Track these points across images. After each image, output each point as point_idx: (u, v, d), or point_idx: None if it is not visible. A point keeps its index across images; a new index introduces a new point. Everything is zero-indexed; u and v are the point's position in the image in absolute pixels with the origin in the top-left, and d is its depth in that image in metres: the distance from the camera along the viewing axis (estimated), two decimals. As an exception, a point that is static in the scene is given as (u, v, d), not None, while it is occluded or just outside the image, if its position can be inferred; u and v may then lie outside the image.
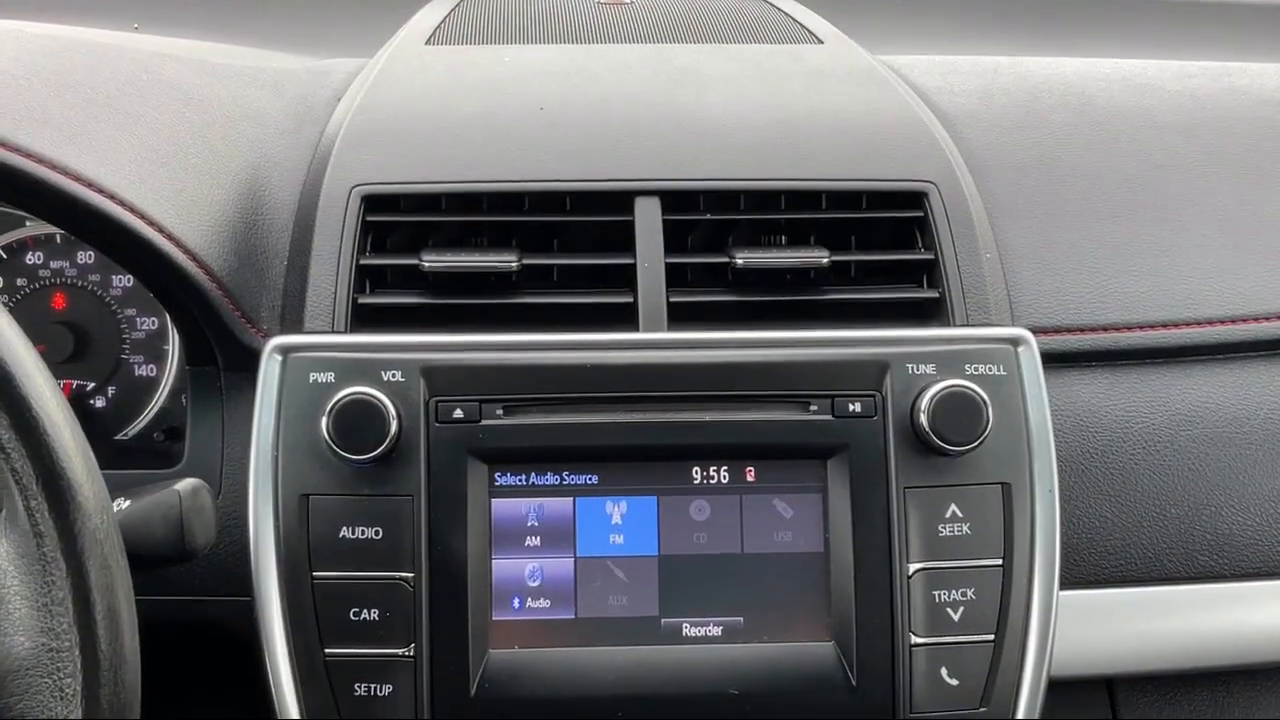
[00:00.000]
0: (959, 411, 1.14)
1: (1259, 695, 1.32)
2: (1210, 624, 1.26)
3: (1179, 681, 1.32)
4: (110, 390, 1.40)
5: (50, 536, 0.80)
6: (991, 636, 1.14)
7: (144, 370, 1.40)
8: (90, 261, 1.41)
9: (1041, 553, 1.15)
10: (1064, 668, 1.18)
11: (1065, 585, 1.16)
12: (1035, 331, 1.19)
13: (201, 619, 1.22)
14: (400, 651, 1.11)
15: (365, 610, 1.11)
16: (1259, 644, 1.27)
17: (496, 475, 1.14)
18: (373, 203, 1.25)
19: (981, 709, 1.13)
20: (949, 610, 1.13)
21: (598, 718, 1.12)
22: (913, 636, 1.13)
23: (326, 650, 1.11)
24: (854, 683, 1.12)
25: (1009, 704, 1.14)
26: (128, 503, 1.01)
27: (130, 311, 1.40)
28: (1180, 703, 1.32)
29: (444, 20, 1.63)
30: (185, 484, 1.02)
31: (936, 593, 1.13)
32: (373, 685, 1.11)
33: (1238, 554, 1.26)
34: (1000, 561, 1.14)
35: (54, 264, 1.40)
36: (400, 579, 1.11)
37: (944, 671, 1.13)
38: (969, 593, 1.14)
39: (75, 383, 1.40)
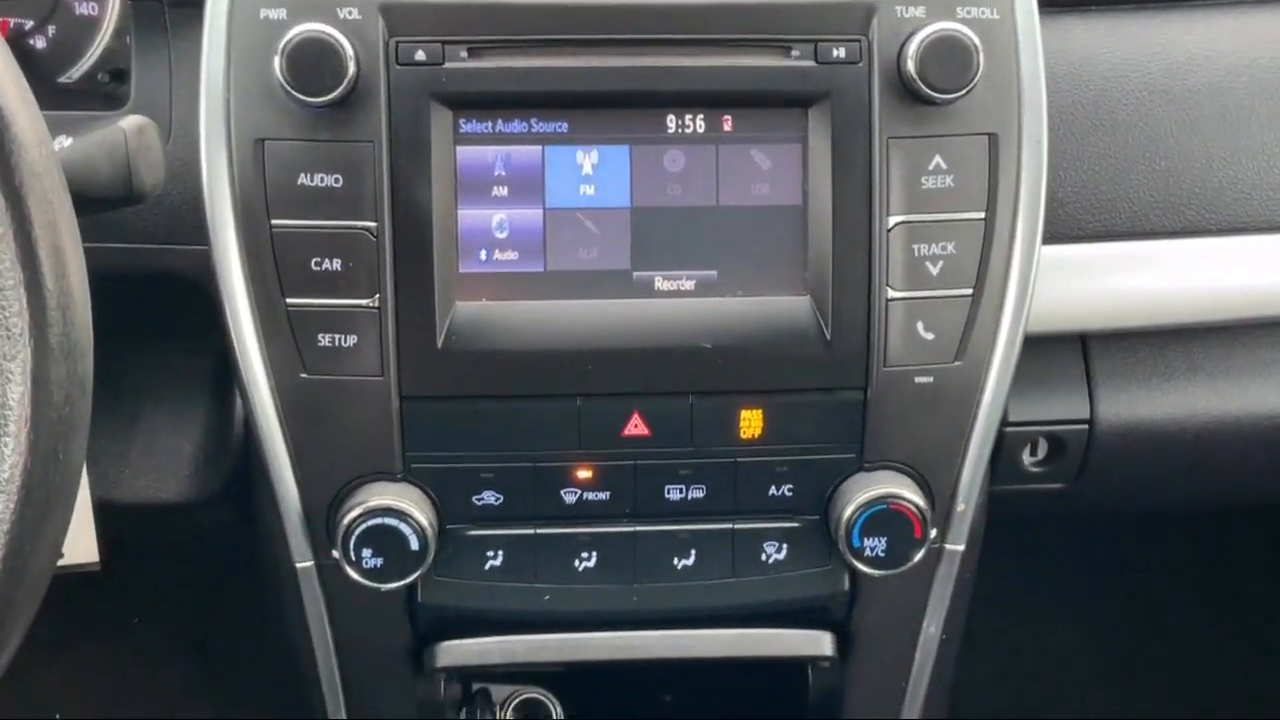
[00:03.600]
0: (948, 57, 1.08)
1: (1232, 350, 1.32)
2: (1190, 280, 1.25)
3: (1153, 337, 1.31)
4: (50, 30, 1.32)
5: None
6: (970, 291, 1.12)
7: (85, 8, 1.32)
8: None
9: (1025, 207, 1.12)
10: (1040, 323, 1.17)
11: (1046, 240, 1.14)
12: (1032, -29, 1.12)
13: (161, 268, 1.18)
14: (364, 302, 1.08)
15: (327, 260, 1.08)
16: (1238, 300, 1.26)
17: (461, 122, 1.09)
18: None
19: (956, 363, 1.13)
20: (928, 264, 1.11)
21: (567, 371, 1.10)
22: (890, 291, 1.11)
23: (288, 300, 1.08)
24: (828, 336, 1.11)
25: (984, 359, 1.13)
26: (70, 140, 0.96)
27: (66, -58, 1.31)
28: (1154, 359, 1.31)
29: None
30: (130, 120, 0.97)
31: (916, 246, 1.11)
32: (337, 336, 1.09)
33: (1225, 208, 1.23)
34: (983, 215, 1.11)
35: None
36: (362, 229, 1.07)
37: (920, 326, 1.12)
38: (949, 247, 1.11)
39: (12, 21, 1.31)
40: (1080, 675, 2.24)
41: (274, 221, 1.07)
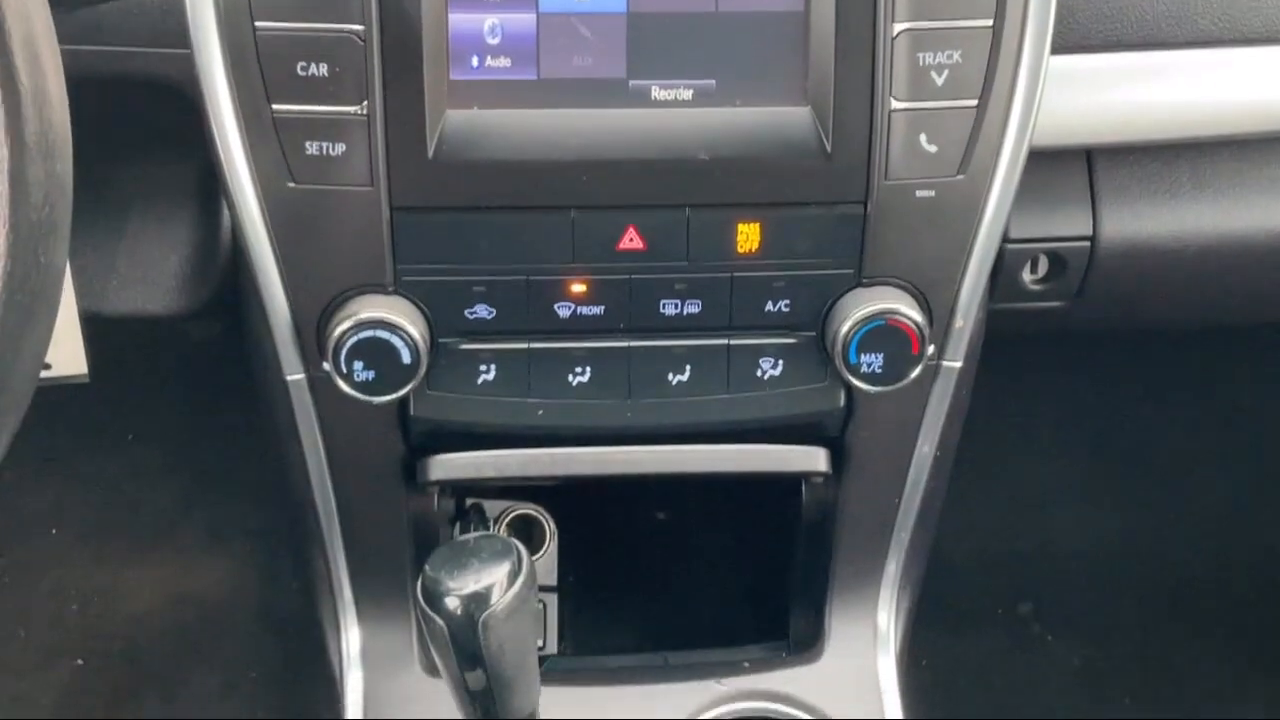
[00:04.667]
0: None
1: (1241, 166, 1.29)
2: (1201, 93, 1.21)
3: (1160, 152, 1.28)
4: None
5: None
6: (974, 102, 1.09)
7: None
8: None
9: (1034, 14, 1.08)
10: (1045, 137, 1.13)
11: (1054, 50, 1.10)
12: None
13: (143, 73, 1.15)
14: (352, 109, 1.05)
15: (313, 65, 1.04)
16: (1249, 114, 1.23)
17: None
18: None
19: (959, 176, 1.10)
20: (933, 74, 1.07)
21: (560, 182, 1.08)
22: (893, 101, 1.07)
23: (274, 107, 1.05)
24: (829, 148, 1.08)
25: (987, 173, 1.11)
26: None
27: None
28: (1160, 174, 1.28)
29: None
30: None
31: (920, 55, 1.07)
32: (325, 144, 1.05)
33: (1240, 18, 1.19)
34: (991, 22, 1.07)
35: None
36: (349, 31, 1.03)
37: (923, 138, 1.09)
38: (955, 55, 1.07)
39: None
40: (1071, 502, 2.26)
41: (257, 24, 1.03)
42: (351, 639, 1.30)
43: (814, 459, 1.25)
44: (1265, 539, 2.22)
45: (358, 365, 1.10)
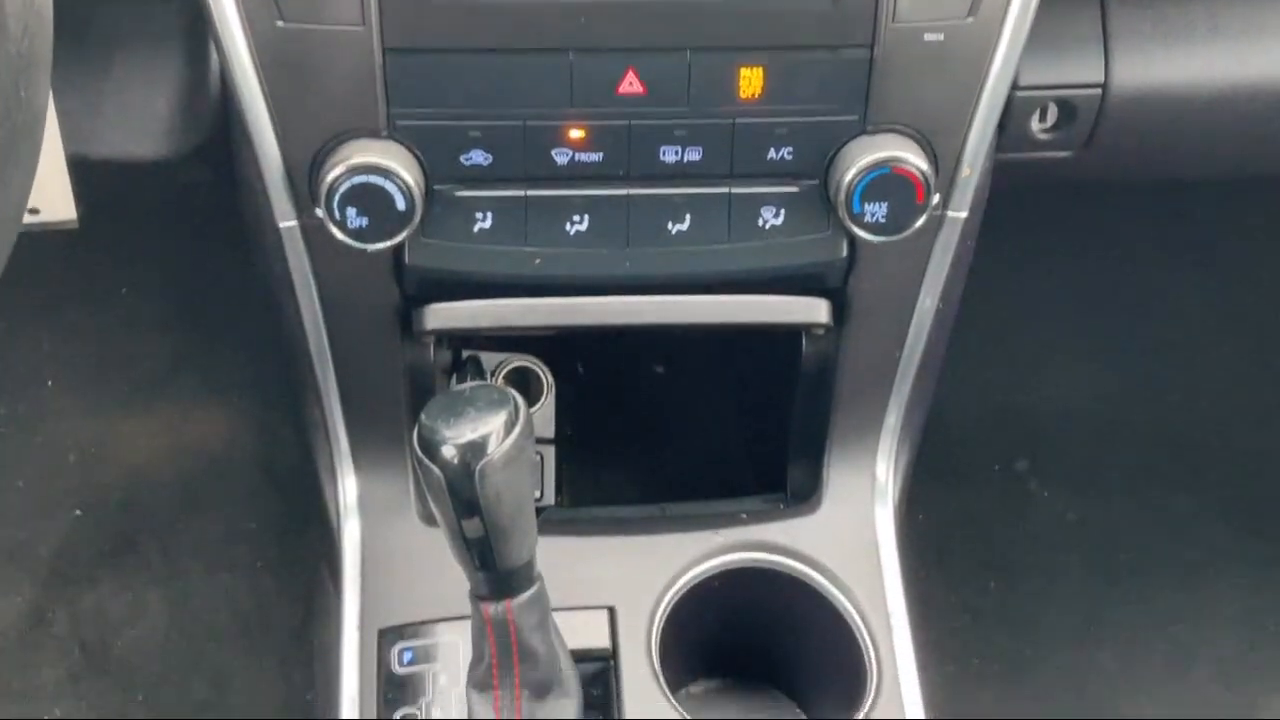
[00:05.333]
0: None
1: (1260, 12, 1.24)
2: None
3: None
4: None
5: None
6: (986, -60, 1.05)
7: None
8: None
9: None
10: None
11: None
12: None
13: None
14: None
15: None
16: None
17: None
18: None
19: (969, 19, 1.07)
20: (943, -89, 1.04)
21: (559, 22, 1.04)
22: (901, -60, 1.04)
23: None
24: None
25: (998, 16, 1.07)
26: None
27: None
28: (1174, 18, 1.24)
29: None
30: None
31: None
32: None
33: None
34: None
35: None
36: None
37: (931, -24, 1.05)
38: None
39: None
40: (1072, 358, 2.25)
41: None
42: (348, 488, 1.30)
43: (815, 310, 1.23)
44: (1266, 398, 2.22)
45: (351, 212, 1.08)
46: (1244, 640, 2.06)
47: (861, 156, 1.09)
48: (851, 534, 1.30)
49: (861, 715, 1.20)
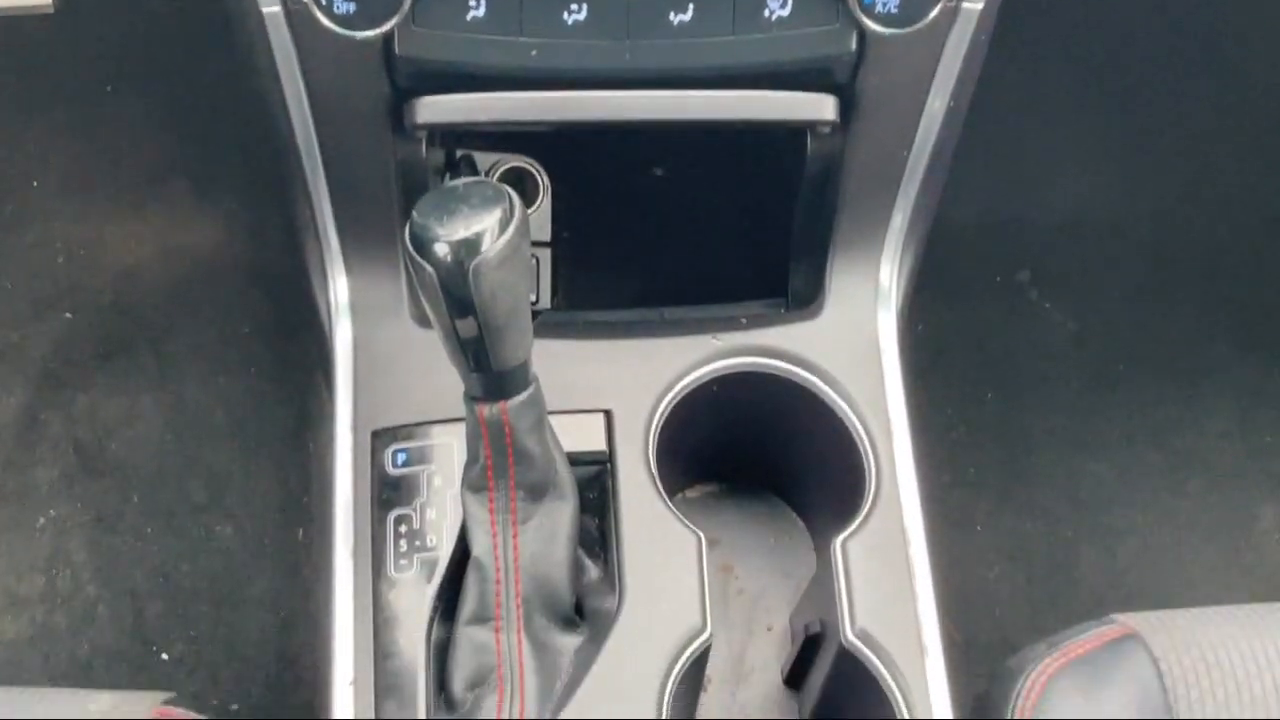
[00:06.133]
0: None
1: None
2: None
3: None
4: None
5: None
6: None
7: None
8: None
9: None
10: None
11: None
12: None
13: None
14: None
15: None
16: None
17: None
18: None
19: None
20: None
21: None
22: None
23: None
24: None
25: None
26: None
27: None
28: None
29: None
30: None
31: None
32: None
33: None
34: None
35: None
36: None
37: None
38: None
39: None
40: (1077, 168, 2.21)
41: None
42: (339, 289, 1.27)
43: (822, 107, 1.19)
44: (1274, 208, 2.19)
45: None
46: (1239, 451, 2.07)
47: None
48: (853, 339, 1.28)
49: (859, 521, 1.20)
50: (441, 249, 0.95)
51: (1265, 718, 1.15)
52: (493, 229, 0.95)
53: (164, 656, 1.84)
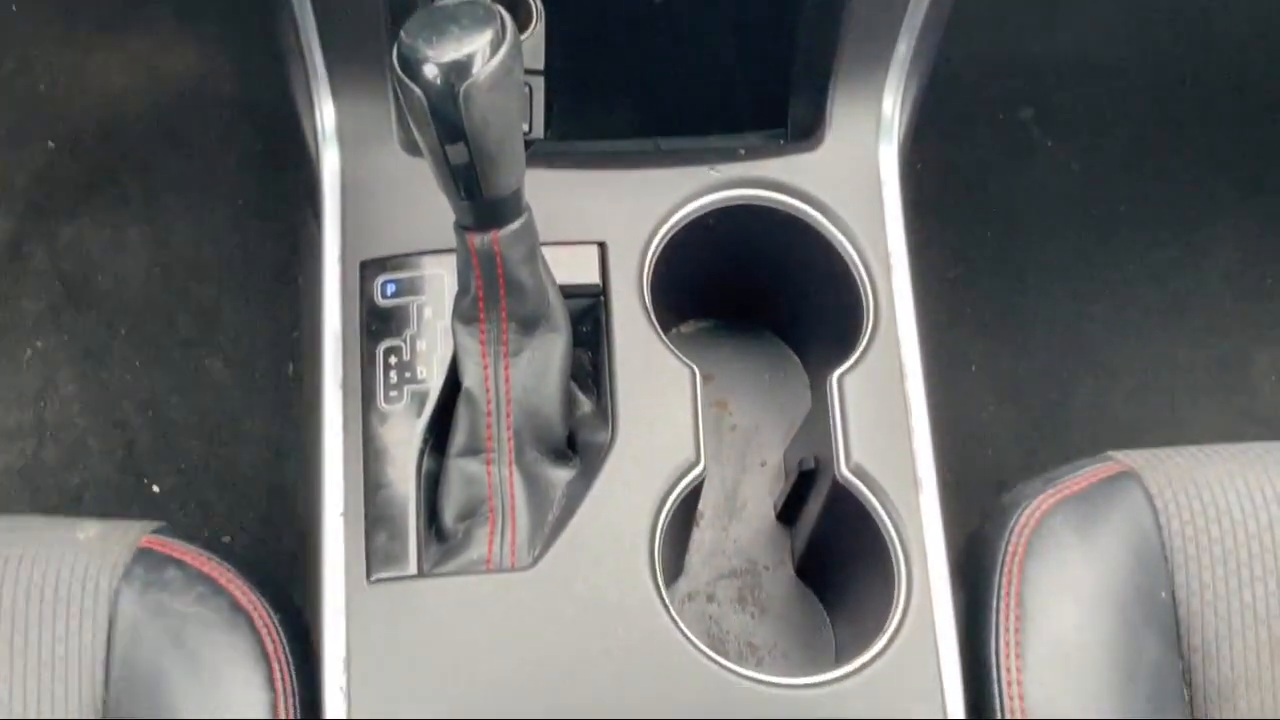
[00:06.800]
0: None
1: None
2: None
3: None
4: None
5: None
6: None
7: None
8: None
9: None
10: None
11: None
12: None
13: None
14: None
15: None
16: None
17: None
18: None
19: None
20: None
21: None
22: None
23: None
24: None
25: None
26: None
27: None
28: None
29: None
30: None
31: None
32: None
33: None
34: None
35: None
36: None
37: None
38: None
39: None
40: (1082, 6, 2.15)
41: None
42: (326, 115, 1.23)
43: None
44: (1282, 50, 2.14)
45: None
46: (1237, 292, 2.06)
47: None
48: (854, 171, 1.24)
49: (856, 356, 1.18)
50: (430, 71, 0.91)
51: (1259, 555, 1.15)
52: (484, 50, 0.92)
53: (155, 489, 1.84)
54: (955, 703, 1.08)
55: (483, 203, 1.01)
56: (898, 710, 1.06)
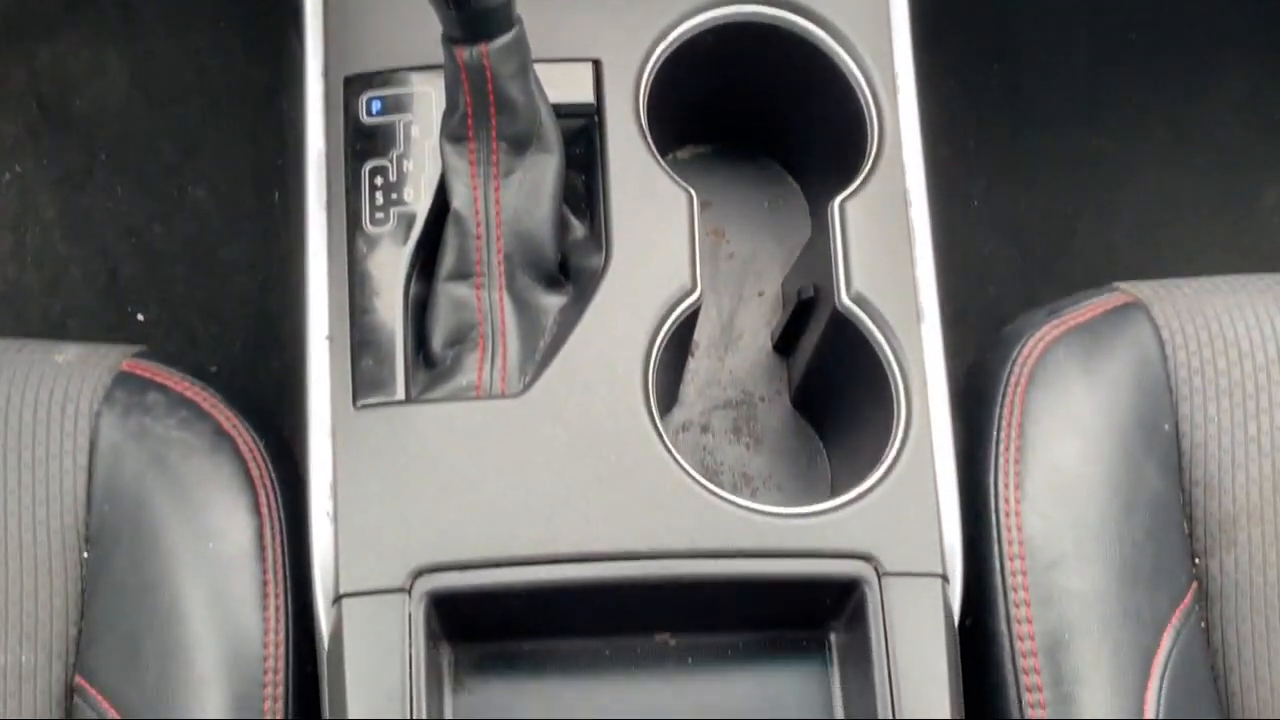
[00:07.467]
0: None
1: None
2: None
3: None
4: None
5: None
6: None
7: None
8: None
9: None
10: None
11: None
12: None
13: None
14: None
15: None
16: None
17: None
18: None
19: None
20: None
21: None
22: None
23: None
24: None
25: None
26: None
27: None
28: None
29: None
30: None
31: None
32: None
33: None
34: None
35: None
36: None
37: None
38: None
39: None
40: None
41: None
42: None
43: None
44: None
45: None
46: (1247, 128, 2.01)
47: None
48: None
49: (858, 181, 1.14)
50: None
51: (1266, 387, 1.13)
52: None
53: (140, 317, 1.81)
54: (952, 534, 1.07)
55: (472, 12, 0.96)
56: (894, 540, 1.05)
